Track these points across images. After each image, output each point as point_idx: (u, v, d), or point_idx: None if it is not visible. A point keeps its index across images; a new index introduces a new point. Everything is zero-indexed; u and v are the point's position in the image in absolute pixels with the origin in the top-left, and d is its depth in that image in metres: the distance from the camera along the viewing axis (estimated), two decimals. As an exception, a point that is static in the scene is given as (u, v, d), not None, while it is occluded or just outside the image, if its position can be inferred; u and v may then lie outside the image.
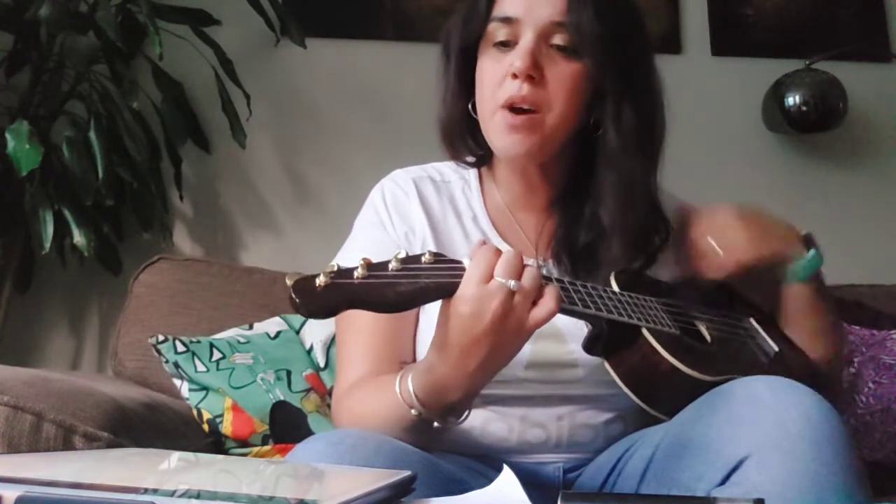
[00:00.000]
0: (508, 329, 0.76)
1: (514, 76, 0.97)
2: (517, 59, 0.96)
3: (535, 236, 1.09)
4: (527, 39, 0.97)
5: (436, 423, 0.85)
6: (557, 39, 0.98)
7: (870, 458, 1.53)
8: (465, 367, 0.79)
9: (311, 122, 2.12)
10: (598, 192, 1.03)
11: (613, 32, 0.98)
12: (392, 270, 0.71)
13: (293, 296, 0.67)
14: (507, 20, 0.99)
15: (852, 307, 1.71)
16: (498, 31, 1.00)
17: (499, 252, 0.77)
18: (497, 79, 0.99)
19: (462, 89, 1.06)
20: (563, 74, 0.98)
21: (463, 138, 1.08)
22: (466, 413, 0.86)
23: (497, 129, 1.00)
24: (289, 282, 0.68)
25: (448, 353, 0.79)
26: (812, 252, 1.04)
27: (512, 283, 0.75)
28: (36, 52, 1.84)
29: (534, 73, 0.97)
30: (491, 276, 0.75)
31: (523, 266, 0.76)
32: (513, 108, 0.98)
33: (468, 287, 0.75)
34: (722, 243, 1.00)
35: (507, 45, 0.99)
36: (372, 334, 1.01)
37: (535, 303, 0.77)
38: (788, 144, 2.24)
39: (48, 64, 1.87)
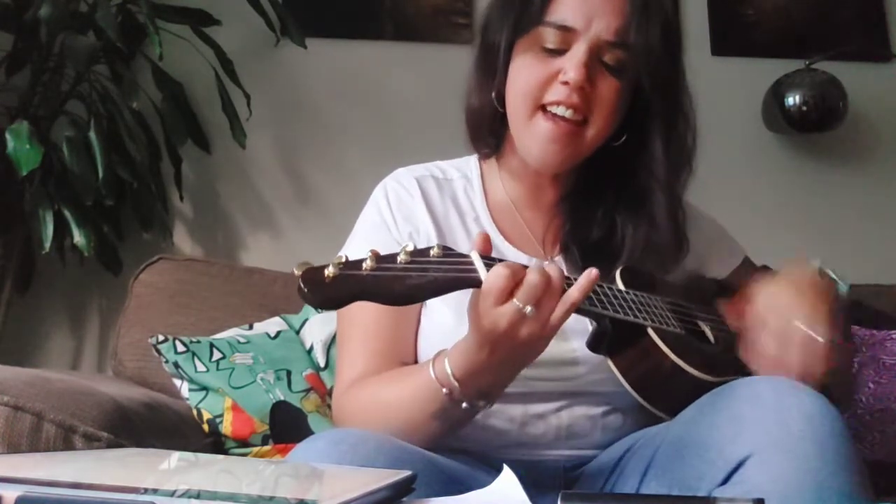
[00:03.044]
0: (520, 339, 0.78)
1: (565, 83, 0.96)
2: (571, 69, 0.96)
3: (542, 233, 1.08)
4: (580, 51, 0.96)
5: (465, 405, 0.86)
6: (608, 58, 0.97)
7: (870, 457, 1.53)
8: (492, 361, 0.81)
9: (311, 122, 2.12)
10: (641, 204, 1.03)
11: (669, 53, 0.99)
12: (401, 263, 0.71)
13: (302, 285, 0.67)
14: (563, 28, 0.97)
15: (852, 307, 1.71)
16: (549, 36, 0.98)
17: (519, 272, 0.76)
18: (539, 80, 0.98)
19: (495, 82, 1.05)
20: (609, 90, 0.98)
21: (487, 129, 1.08)
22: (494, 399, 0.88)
23: (536, 136, 0.99)
24: (297, 271, 0.68)
25: (479, 343, 0.80)
26: (844, 287, 1.04)
27: (528, 309, 0.75)
28: (36, 52, 1.84)
29: (586, 87, 0.97)
30: (507, 298, 0.75)
31: (546, 290, 0.76)
32: (554, 112, 0.97)
33: (483, 303, 0.77)
34: (816, 329, 0.88)
35: (555, 50, 0.98)
36: (374, 334, 1.01)
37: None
38: (788, 144, 2.24)
39: (48, 64, 1.87)
